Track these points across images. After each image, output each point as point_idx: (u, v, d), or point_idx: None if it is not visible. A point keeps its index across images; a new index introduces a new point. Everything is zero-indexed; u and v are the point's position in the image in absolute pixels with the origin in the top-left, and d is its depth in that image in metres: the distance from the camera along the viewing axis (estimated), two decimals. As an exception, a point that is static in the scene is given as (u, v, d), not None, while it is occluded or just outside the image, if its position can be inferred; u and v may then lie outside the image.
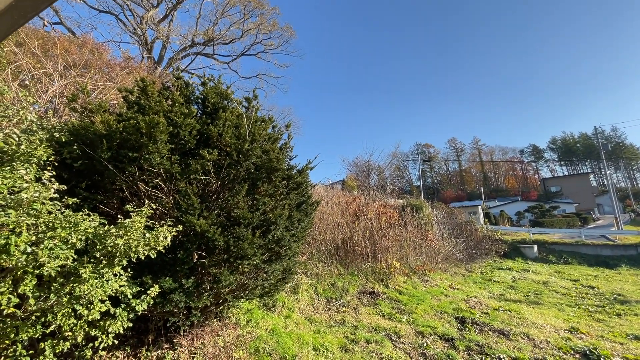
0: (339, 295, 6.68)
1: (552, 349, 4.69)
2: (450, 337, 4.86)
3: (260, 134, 3.92)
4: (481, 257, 15.41)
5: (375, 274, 8.33)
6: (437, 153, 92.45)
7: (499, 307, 6.84)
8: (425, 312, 6.20)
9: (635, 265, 14.81)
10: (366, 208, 11.14)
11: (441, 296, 7.65)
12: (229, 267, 3.44)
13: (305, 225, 4.41)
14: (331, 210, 9.93)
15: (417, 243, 11.11)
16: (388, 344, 4.45)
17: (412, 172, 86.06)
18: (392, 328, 5.14)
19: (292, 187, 4.22)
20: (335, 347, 4.25)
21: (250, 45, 21.12)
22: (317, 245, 8.05)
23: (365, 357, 3.98)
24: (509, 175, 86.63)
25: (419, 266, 10.11)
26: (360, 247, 8.71)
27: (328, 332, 4.80)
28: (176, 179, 3.21)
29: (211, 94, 3.81)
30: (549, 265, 15.28)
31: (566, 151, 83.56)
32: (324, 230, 8.57)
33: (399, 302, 6.76)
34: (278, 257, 4.04)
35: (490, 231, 20.08)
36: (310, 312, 5.71)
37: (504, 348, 4.56)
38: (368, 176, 24.38)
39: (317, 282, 6.84)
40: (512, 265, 14.42)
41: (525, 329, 5.48)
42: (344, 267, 8.05)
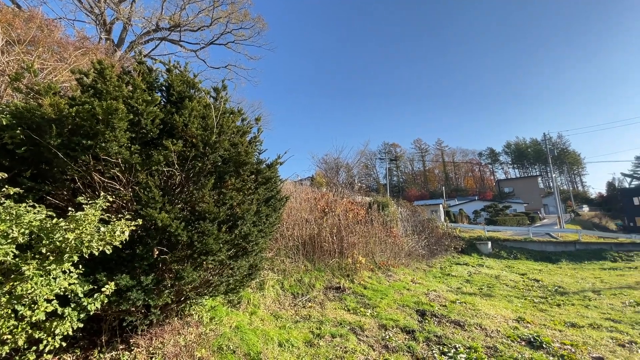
0: (305, 291, 6.71)
1: (501, 337, 5.05)
2: (411, 329, 5.07)
3: (229, 126, 3.80)
4: (441, 252, 16.21)
5: (341, 270, 8.46)
6: (404, 153, 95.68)
7: (456, 300, 7.25)
8: (388, 306, 6.41)
9: (573, 260, 16.40)
10: (334, 205, 11.26)
11: (404, 290, 7.95)
12: (193, 263, 3.32)
13: (273, 220, 4.36)
14: (300, 206, 9.91)
15: (382, 239, 11.43)
16: (352, 338, 4.55)
17: (380, 170, 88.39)
18: (357, 322, 5.26)
19: (261, 181, 4.14)
20: (301, 342, 4.27)
21: (220, 34, 20.36)
22: (285, 241, 8.01)
23: (330, 351, 4.03)
24: (468, 176, 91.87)
25: (384, 262, 10.42)
26: (328, 243, 8.80)
27: (294, 328, 4.81)
28: (136, 170, 3.02)
29: (177, 82, 3.62)
30: (501, 260, 16.45)
31: (519, 155, 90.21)
32: (292, 226, 8.54)
33: (363, 297, 6.93)
34: (245, 253, 3.96)
35: (450, 228, 21.19)
36: (276, 308, 5.67)
37: (460, 338, 4.84)
38: (337, 173, 24.65)
39: (284, 278, 6.81)
40: (468, 261, 15.34)
41: (478, 319, 5.86)
42: (311, 262, 8.09)
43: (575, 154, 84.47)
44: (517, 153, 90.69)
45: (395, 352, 4.24)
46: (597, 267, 14.41)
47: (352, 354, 4.01)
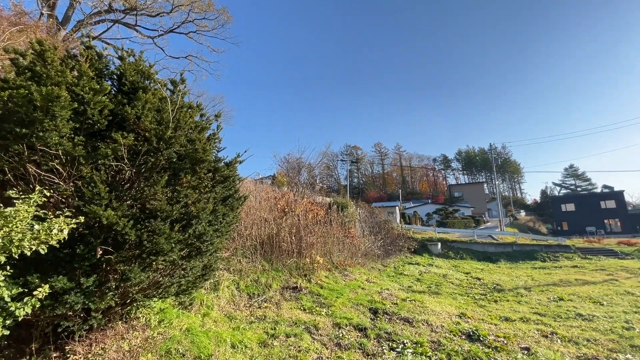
0: (261, 291, 6.65)
1: (445, 332, 5.43)
2: (363, 327, 5.26)
3: (186, 121, 3.66)
4: (396, 253, 16.94)
5: (299, 269, 8.51)
6: (364, 155, 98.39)
7: (406, 298, 7.64)
8: (343, 305, 6.58)
9: (510, 260, 18.06)
10: (294, 205, 11.27)
11: (358, 289, 8.20)
12: (141, 263, 3.15)
13: (230, 220, 4.27)
14: (259, 206, 9.79)
15: (340, 240, 11.67)
16: (307, 337, 4.61)
17: (341, 171, 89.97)
18: (312, 321, 5.33)
19: (219, 180, 4.05)
20: (255, 343, 4.23)
21: (181, 22, 19.34)
22: (242, 241, 7.87)
23: (283, 351, 4.06)
24: (423, 180, 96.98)
25: (341, 261, 10.65)
26: (287, 243, 8.80)
27: (248, 329, 4.75)
28: (80, 163, 2.80)
29: (130, 71, 3.41)
30: (449, 260, 17.62)
31: (468, 162, 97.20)
32: (250, 225, 8.41)
33: (319, 296, 7.04)
34: (199, 252, 3.83)
35: (404, 230, 22.21)
36: (231, 309, 5.56)
37: (408, 334, 5.12)
38: (298, 173, 24.69)
39: (240, 279, 6.70)
40: (420, 260, 16.22)
41: (426, 316, 6.24)
42: (268, 262, 8.03)
43: (516, 164, 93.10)
44: (467, 160, 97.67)
45: (348, 349, 4.38)
46: (529, 267, 16.01)
47: (305, 353, 4.06)
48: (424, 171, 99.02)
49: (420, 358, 4.21)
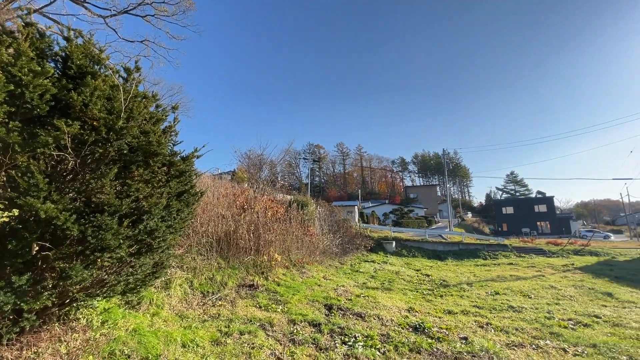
0: (216, 289, 6.51)
1: (394, 325, 5.76)
2: (317, 323, 5.40)
3: (140, 111, 3.49)
4: (353, 250, 17.44)
5: (256, 267, 8.44)
6: (327, 155, 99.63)
7: (360, 294, 7.95)
8: (299, 302, 6.67)
9: (457, 258, 19.45)
10: (254, 201, 11.14)
11: (315, 286, 8.36)
12: (84, 260, 2.95)
13: (185, 216, 4.15)
14: (217, 202, 9.54)
15: (299, 237, 11.76)
16: (261, 334, 4.63)
17: (303, 170, 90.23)
18: (267, 318, 5.35)
19: (174, 174, 3.91)
20: (207, 341, 4.16)
21: (138, 4, 18.00)
22: (198, 238, 7.62)
23: (237, 348, 4.04)
24: (381, 181, 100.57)
25: (299, 259, 10.75)
26: (244, 240, 8.68)
27: (200, 327, 4.65)
28: (14, 151, 2.55)
29: (77, 54, 3.17)
30: (402, 258, 18.54)
31: (423, 166, 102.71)
32: (207, 222, 8.17)
33: (276, 294, 7.06)
34: (150, 249, 3.68)
35: (362, 229, 22.93)
36: (183, 308, 5.39)
37: (360, 328, 5.35)
38: (260, 170, 24.29)
39: (194, 277, 6.49)
40: (375, 258, 16.87)
41: (377, 311, 6.55)
42: (225, 260, 7.86)
43: (466, 169, 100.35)
44: (422, 164, 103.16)
45: (301, 344, 4.47)
46: (472, 264, 17.40)
47: (259, 349, 4.08)
48: (383, 172, 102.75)
49: (370, 350, 4.43)
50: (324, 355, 4.18)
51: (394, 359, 4.28)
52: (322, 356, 4.15)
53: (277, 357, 3.96)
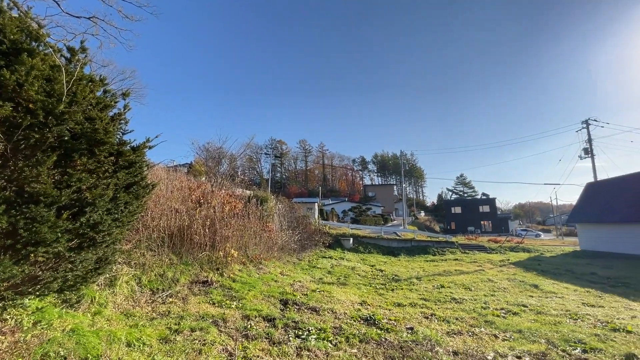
0: (167, 286, 6.25)
1: (347, 318, 5.98)
2: (272, 318, 5.43)
3: (85, 96, 3.25)
4: (311, 247, 17.64)
5: (211, 263, 8.23)
6: (289, 151, 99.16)
7: (316, 289, 8.10)
8: (254, 297, 6.64)
9: (409, 254, 20.52)
10: (211, 196, 10.81)
11: (272, 282, 8.36)
12: (14, 255, 2.70)
13: (134, 209, 3.94)
14: (171, 195, 9.11)
15: (257, 233, 11.64)
16: (213, 330, 4.56)
17: (264, 165, 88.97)
18: (221, 314, 5.27)
19: (123, 165, 3.69)
20: (155, 339, 4.00)
21: (85, -25, 16.44)
22: (148, 232, 7.23)
23: (187, 346, 3.94)
24: (342, 179, 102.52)
25: (257, 255, 10.65)
26: (199, 235, 8.40)
27: (148, 326, 4.45)
28: None
29: (11, 28, 2.86)
30: (358, 254, 19.13)
31: (382, 165, 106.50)
32: (159, 216, 7.77)
33: (231, 290, 6.96)
34: (92, 244, 3.45)
35: (321, 225, 23.24)
36: (129, 306, 5.11)
37: (314, 322, 5.48)
38: (218, 163, 23.53)
39: (143, 273, 6.17)
40: (333, 254, 17.22)
41: (332, 305, 6.74)
42: (177, 256, 7.56)
43: (421, 170, 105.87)
44: (381, 163, 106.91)
45: (255, 339, 4.48)
46: (423, 260, 18.48)
47: (210, 345, 4.02)
48: (344, 171, 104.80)
49: (322, 343, 4.57)
50: (277, 349, 4.23)
51: (345, 349, 4.46)
52: (275, 350, 4.20)
53: (229, 352, 3.94)
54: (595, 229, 23.07)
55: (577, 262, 18.02)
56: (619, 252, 19.85)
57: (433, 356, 4.35)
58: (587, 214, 24.41)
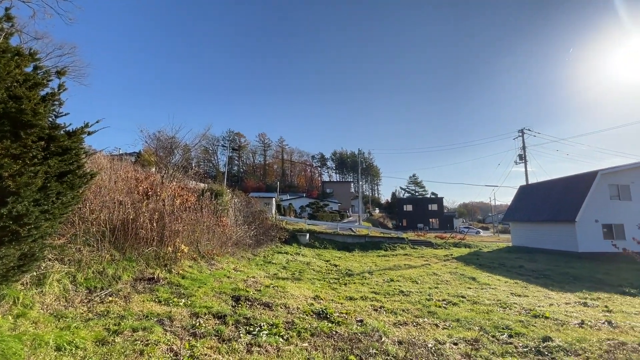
0: (107, 284, 5.79)
1: (299, 313, 6.03)
2: (223, 314, 5.30)
3: (9, 71, 2.86)
4: (267, 242, 17.46)
5: (159, 259, 7.77)
6: (247, 144, 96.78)
7: (270, 285, 8.06)
8: (205, 294, 6.42)
9: (363, 250, 21.23)
10: (161, 188, 10.19)
11: (224, 278, 8.14)
12: None
13: (68, 200, 3.58)
14: (115, 186, 8.41)
15: (210, 228, 11.23)
16: (158, 329, 4.32)
17: (221, 157, 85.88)
18: (167, 313, 5.01)
19: (55, 151, 3.32)
20: (90, 342, 3.69)
21: None
22: (86, 226, 6.61)
23: (127, 347, 3.69)
24: (301, 175, 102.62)
25: (209, 250, 10.28)
26: (146, 230, 7.87)
27: (83, 327, 4.09)
28: None
29: None
30: (314, 249, 19.35)
31: (341, 163, 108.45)
32: (99, 208, 7.14)
33: (180, 287, 6.65)
34: (15, 238, 3.07)
35: (278, 220, 23.10)
36: (61, 307, 4.65)
37: (266, 317, 5.45)
38: (170, 153, 22.14)
39: (78, 270, 5.64)
40: (289, 250, 17.23)
41: (285, 300, 6.76)
42: (120, 252, 7.02)
43: (377, 169, 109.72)
44: (340, 161, 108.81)
45: (203, 337, 4.34)
46: (375, 255, 19.25)
47: (154, 345, 3.81)
48: (303, 166, 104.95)
49: (274, 338, 4.57)
50: (227, 346, 4.14)
51: (296, 344, 4.50)
52: (224, 347, 4.11)
53: (174, 352, 3.77)
54: (524, 227, 25.84)
55: (509, 256, 20.07)
56: (543, 247, 22.47)
57: (379, 346, 4.57)
58: (518, 213, 27.24)
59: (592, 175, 20.85)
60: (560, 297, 8.92)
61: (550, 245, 21.97)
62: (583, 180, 21.47)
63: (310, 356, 4.10)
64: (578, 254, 19.32)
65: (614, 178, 20.88)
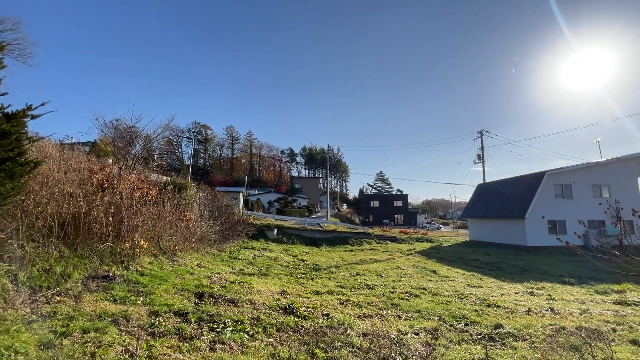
0: (54, 283, 5.33)
1: (266, 308, 5.96)
2: (185, 312, 5.09)
3: None
4: (233, 238, 17.06)
5: (115, 256, 7.30)
6: (214, 136, 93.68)
7: (235, 281, 7.88)
8: (166, 292, 6.13)
9: (330, 245, 21.46)
10: (118, 180, 9.56)
11: (187, 275, 7.83)
12: None
13: (7, 191, 3.22)
14: (65, 177, 7.74)
15: (173, 223, 10.73)
16: (112, 330, 4.05)
17: (186, 150, 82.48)
18: (122, 312, 4.72)
19: (-8, 135, 2.97)
20: (33, 346, 3.37)
21: None
22: (30, 220, 6.03)
23: (76, 350, 3.41)
24: (270, 170, 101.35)
25: (171, 246, 9.83)
26: (101, 224, 7.34)
27: (25, 330, 3.73)
28: None
29: None
30: (282, 245, 19.25)
31: (310, 159, 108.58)
32: (46, 200, 6.54)
33: (138, 284, 6.29)
34: (-60, 233, 2.71)
35: (245, 216, 22.66)
36: (-1, 309, 4.20)
37: (231, 314, 5.32)
38: (130, 144, 20.80)
39: (20, 269, 5.12)
40: (255, 245, 16.97)
41: (251, 296, 6.64)
42: (70, 248, 6.49)
43: (345, 165, 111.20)
44: (309, 156, 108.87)
45: (163, 336, 4.14)
46: (342, 250, 19.55)
47: (107, 347, 3.57)
48: (272, 161, 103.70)
49: (239, 334, 4.47)
50: (188, 345, 3.99)
51: (262, 339, 4.44)
52: (185, 346, 3.95)
53: (130, 353, 3.55)
54: (480, 223, 27.57)
55: (467, 250, 21.33)
56: (497, 242, 24.15)
57: (345, 339, 4.64)
58: (475, 210, 28.99)
59: (540, 175, 22.67)
60: (511, 288, 9.63)
61: (503, 240, 23.64)
62: (532, 179, 23.30)
63: (276, 351, 4.06)
64: (526, 247, 20.99)
65: (559, 178, 22.88)
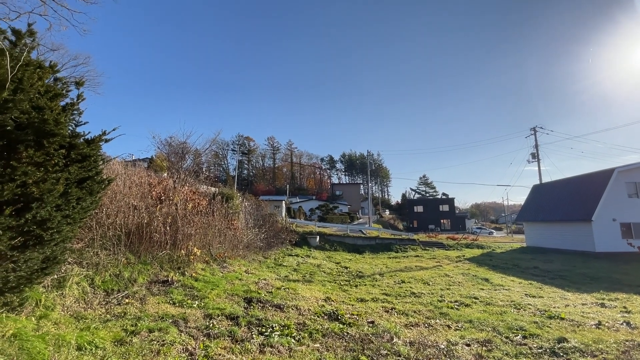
0: (123, 287, 5.96)
1: (311, 314, 6.08)
2: (235, 316, 5.39)
3: (33, 83, 3.02)
4: (277, 245, 17.56)
5: (172, 262, 7.95)
6: (257, 147, 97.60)
7: (281, 287, 8.13)
8: (217, 296, 6.53)
9: (373, 252, 21.14)
10: (173, 192, 10.41)
11: (236, 280, 8.25)
12: (-55, 255, 2.46)
13: (87, 205, 3.73)
14: (129, 191, 8.64)
15: (222, 231, 11.40)
16: (173, 330, 4.44)
17: (231, 161, 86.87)
18: (181, 314, 5.14)
19: (75, 158, 3.48)
20: (109, 342, 3.83)
21: (32, -51, 14.99)
22: (103, 230, 6.83)
23: (144, 347, 3.81)
24: (310, 177, 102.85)
25: (221, 253, 10.43)
26: (160, 233, 8.06)
27: (102, 328, 4.24)
28: None
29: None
30: (324, 252, 19.37)
31: (350, 165, 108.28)
32: (115, 213, 7.36)
33: (193, 289, 6.78)
34: (39, 242, 3.22)
35: (288, 223, 23.21)
36: (80, 309, 4.81)
37: (278, 319, 5.52)
38: (182, 159, 22.55)
39: (96, 273, 5.82)
40: (299, 252, 17.29)
41: (296, 302, 6.81)
42: (135, 255, 7.22)
43: (386, 170, 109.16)
44: (349, 163, 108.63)
45: (217, 338, 4.44)
46: (386, 257, 19.14)
47: (169, 346, 3.92)
48: (312, 169, 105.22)
49: (286, 339, 4.63)
50: (240, 347, 4.22)
51: (308, 344, 4.55)
52: (237, 348, 4.19)
53: (189, 352, 3.87)
54: (538, 227, 25.29)
55: (523, 257, 19.67)
56: (558, 247, 21.95)
57: (391, 347, 4.57)
58: (532, 213, 26.69)
59: (608, 173, 20.31)
60: (577, 298, 8.72)
61: (565, 245, 21.46)
62: (599, 178, 20.94)
63: (322, 356, 4.14)
64: (595, 253, 18.82)
65: (631, 175, 20.30)
